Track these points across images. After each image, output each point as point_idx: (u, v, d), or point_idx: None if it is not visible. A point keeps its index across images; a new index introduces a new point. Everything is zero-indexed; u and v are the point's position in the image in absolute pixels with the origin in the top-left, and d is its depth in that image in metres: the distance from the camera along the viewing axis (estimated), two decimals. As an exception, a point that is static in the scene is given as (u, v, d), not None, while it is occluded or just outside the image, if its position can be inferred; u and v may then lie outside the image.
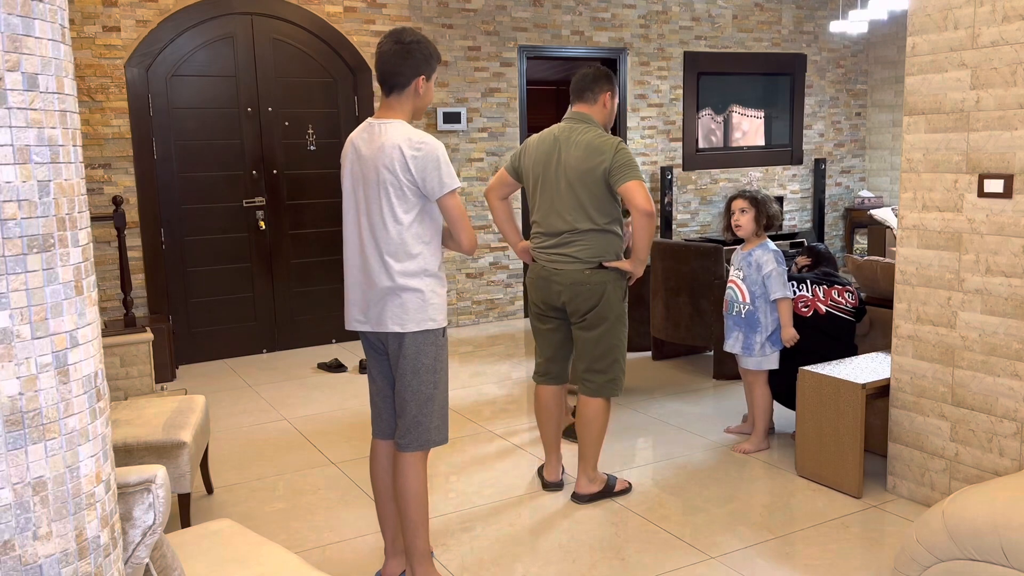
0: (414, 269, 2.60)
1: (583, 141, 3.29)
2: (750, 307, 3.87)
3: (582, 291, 3.30)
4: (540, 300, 3.44)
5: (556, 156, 3.33)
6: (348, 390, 5.17)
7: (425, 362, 2.63)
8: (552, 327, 3.49)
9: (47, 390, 1.26)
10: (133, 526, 1.54)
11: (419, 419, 2.66)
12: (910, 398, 3.39)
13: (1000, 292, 3.04)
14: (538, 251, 3.43)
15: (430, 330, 2.63)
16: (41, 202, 1.25)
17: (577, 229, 3.29)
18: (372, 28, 6.15)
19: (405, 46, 2.61)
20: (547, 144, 3.38)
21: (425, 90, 2.67)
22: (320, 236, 6.21)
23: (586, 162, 3.25)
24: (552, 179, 3.33)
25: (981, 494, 2.19)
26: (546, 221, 3.36)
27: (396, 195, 2.56)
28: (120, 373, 4.68)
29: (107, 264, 5.48)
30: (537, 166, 3.39)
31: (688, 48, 7.70)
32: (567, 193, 3.29)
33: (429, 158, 2.54)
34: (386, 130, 2.60)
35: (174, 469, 3.11)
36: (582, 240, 3.30)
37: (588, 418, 3.44)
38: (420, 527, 2.72)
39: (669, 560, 3.01)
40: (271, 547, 2.28)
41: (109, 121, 5.45)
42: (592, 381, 3.40)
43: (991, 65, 3.01)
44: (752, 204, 3.92)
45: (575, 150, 3.29)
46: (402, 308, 2.59)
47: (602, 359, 3.37)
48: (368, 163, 2.61)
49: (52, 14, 1.27)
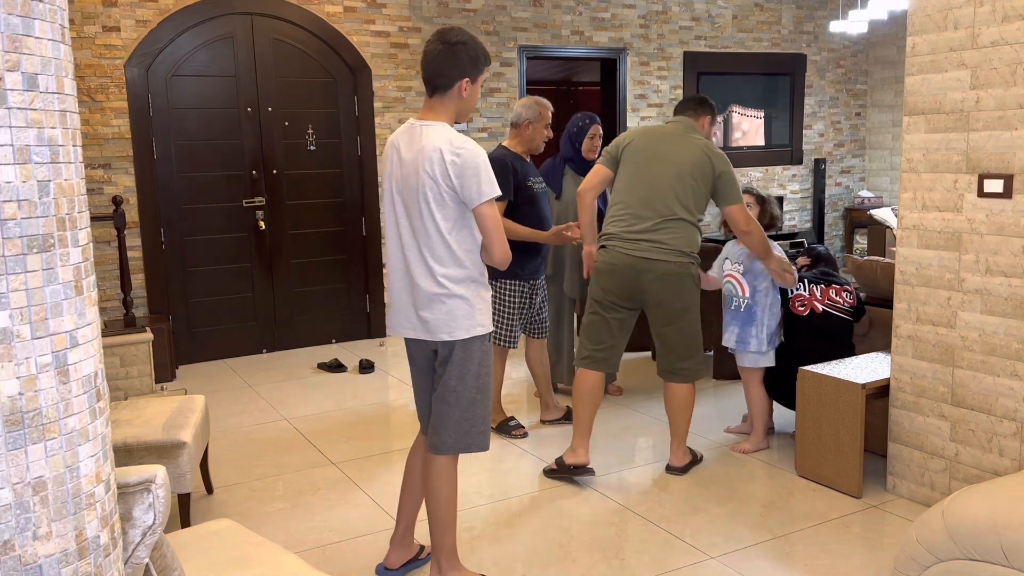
0: (459, 276, 2.55)
1: (699, 144, 3.54)
2: (749, 301, 3.88)
3: (672, 281, 3.45)
4: (616, 288, 3.52)
5: (669, 147, 3.53)
6: (348, 390, 5.17)
7: (472, 368, 2.60)
8: (621, 316, 3.58)
9: (47, 390, 1.26)
10: (133, 526, 1.54)
11: (461, 424, 2.63)
12: (910, 398, 3.39)
13: (1000, 292, 3.04)
14: (622, 237, 3.50)
15: (477, 336, 2.60)
16: (41, 202, 1.25)
17: (674, 216, 3.46)
18: (372, 28, 6.15)
19: (451, 47, 2.54)
20: (657, 134, 3.60)
21: (470, 93, 2.61)
22: (320, 236, 6.21)
23: (700, 161, 3.49)
24: (660, 166, 3.49)
25: (981, 494, 2.19)
26: (644, 205, 3.48)
27: (435, 200, 2.49)
28: (120, 373, 4.69)
29: (107, 264, 5.48)
30: (646, 151, 3.54)
31: (688, 48, 7.70)
32: (674, 183, 3.47)
33: (468, 164, 2.47)
34: (427, 132, 2.53)
35: (174, 469, 3.11)
36: (676, 229, 3.46)
37: (681, 403, 3.64)
38: (450, 527, 2.73)
39: (669, 560, 3.01)
40: (271, 547, 2.28)
41: (109, 121, 5.45)
42: (685, 370, 3.59)
43: (991, 65, 3.01)
44: (757, 202, 3.99)
45: (691, 149, 3.52)
46: (450, 315, 2.55)
47: (690, 347, 3.56)
48: (409, 166, 2.55)
49: (52, 14, 1.27)
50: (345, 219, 6.28)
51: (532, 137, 4.06)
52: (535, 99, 4.11)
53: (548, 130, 4.11)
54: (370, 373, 5.52)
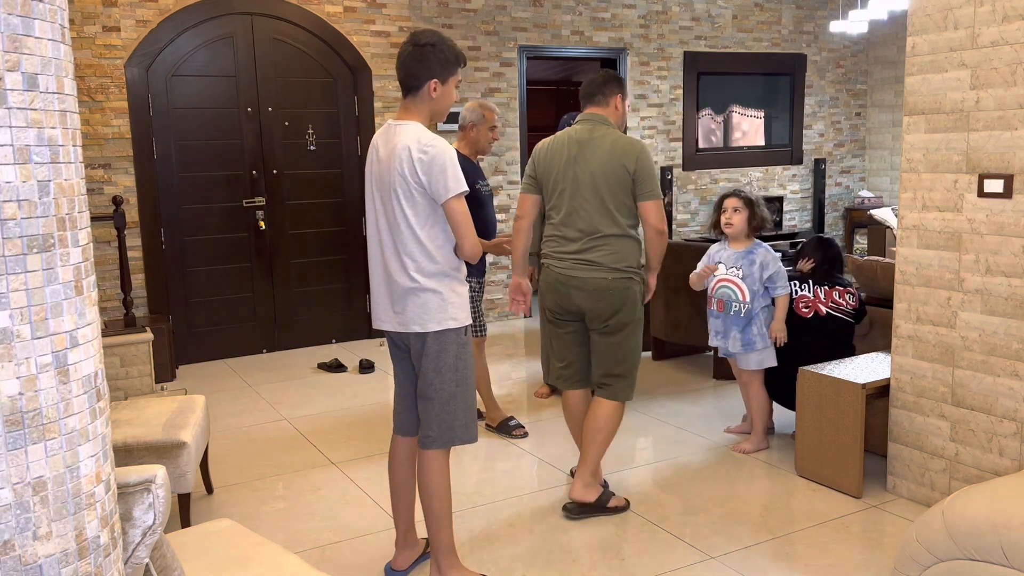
0: (432, 270, 2.61)
1: (606, 143, 3.23)
2: (749, 306, 3.87)
3: (605, 296, 3.23)
4: (556, 305, 3.36)
5: (577, 157, 3.25)
6: (348, 390, 5.17)
7: (447, 361, 2.65)
8: (572, 330, 3.40)
9: (47, 390, 1.26)
10: (133, 526, 1.54)
11: (443, 417, 2.68)
12: (910, 398, 3.39)
13: (1000, 292, 3.04)
14: (555, 258, 3.33)
15: (451, 329, 2.64)
16: (41, 202, 1.25)
17: (601, 233, 3.22)
18: (372, 28, 6.15)
19: (419, 48, 2.62)
20: (563, 146, 3.30)
21: (441, 94, 2.67)
22: (320, 236, 6.21)
23: (610, 163, 3.20)
24: (574, 181, 3.25)
25: (981, 494, 2.19)
26: (568, 225, 3.27)
27: (406, 196, 2.58)
28: (120, 373, 4.69)
29: (107, 264, 5.48)
30: (555, 169, 3.29)
31: (688, 48, 7.70)
32: (591, 195, 3.22)
33: (436, 161, 2.54)
34: (400, 132, 2.62)
35: (174, 469, 3.11)
36: (606, 245, 3.22)
37: (602, 420, 3.36)
38: (444, 522, 2.75)
39: (669, 560, 3.01)
40: (271, 547, 2.28)
41: (109, 121, 5.45)
42: (611, 385, 3.35)
43: (991, 65, 3.01)
44: (746, 205, 3.92)
45: (599, 151, 3.22)
46: (423, 308, 2.61)
47: (622, 363, 3.33)
48: (384, 164, 2.63)
49: (52, 14, 1.27)
50: (345, 219, 6.28)
51: (476, 139, 4.15)
52: (480, 102, 4.20)
53: (493, 132, 4.18)
54: (370, 373, 5.52)
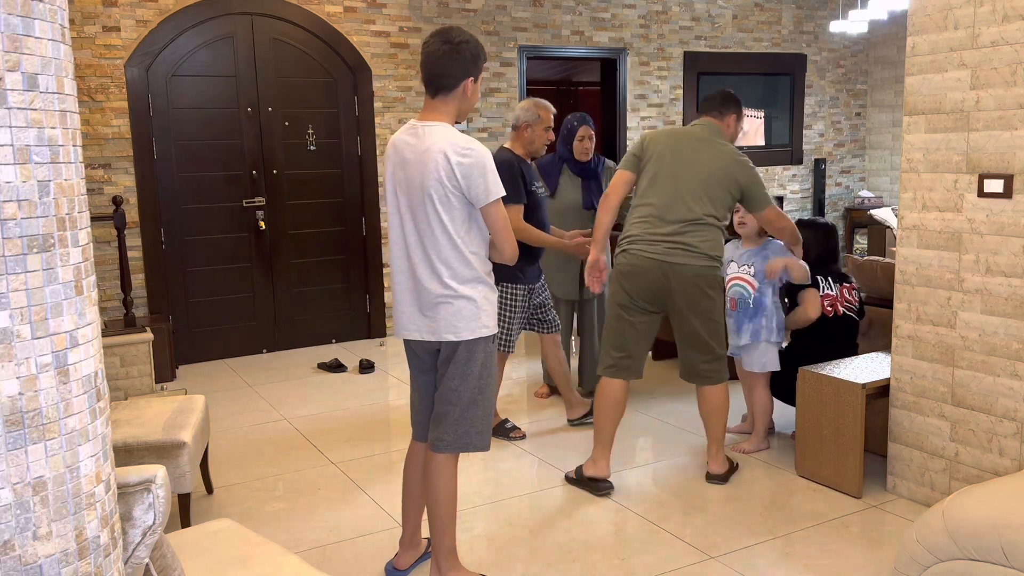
0: (468, 276, 2.55)
1: (725, 152, 3.51)
2: (757, 295, 3.85)
3: (700, 283, 3.41)
4: (641, 291, 3.44)
5: (697, 151, 3.48)
6: (348, 390, 5.17)
7: (474, 368, 2.60)
8: (645, 320, 3.51)
9: (47, 390, 1.26)
10: (133, 526, 1.54)
11: (461, 423, 2.63)
12: (910, 398, 3.39)
13: (1000, 292, 3.04)
14: (646, 241, 3.43)
15: (482, 337, 2.59)
16: (41, 202, 1.25)
17: (700, 219, 3.40)
18: (372, 28, 6.15)
19: (455, 46, 2.53)
20: (685, 137, 3.53)
21: (472, 92, 2.61)
22: (320, 236, 6.21)
23: (724, 171, 3.46)
24: (687, 170, 3.44)
25: (981, 494, 2.19)
26: (670, 207, 3.42)
27: (441, 201, 2.49)
28: (120, 373, 4.69)
29: (107, 264, 5.48)
30: (671, 152, 3.48)
31: (688, 48, 7.70)
32: (701, 187, 3.42)
33: (476, 165, 2.47)
34: (430, 133, 2.53)
35: (174, 469, 3.11)
36: (702, 232, 3.40)
37: (719, 404, 3.59)
38: (448, 525, 2.73)
39: (669, 560, 3.01)
40: (271, 547, 2.28)
41: (109, 121, 5.45)
42: (715, 370, 3.55)
43: (991, 65, 3.01)
44: None
45: (717, 158, 3.47)
46: (456, 316, 2.54)
47: (718, 347, 3.53)
48: (412, 167, 2.54)
49: (52, 14, 1.27)
50: (345, 219, 6.28)
51: (531, 140, 4.03)
52: (535, 101, 4.08)
53: (549, 132, 4.07)
54: (370, 373, 5.52)
